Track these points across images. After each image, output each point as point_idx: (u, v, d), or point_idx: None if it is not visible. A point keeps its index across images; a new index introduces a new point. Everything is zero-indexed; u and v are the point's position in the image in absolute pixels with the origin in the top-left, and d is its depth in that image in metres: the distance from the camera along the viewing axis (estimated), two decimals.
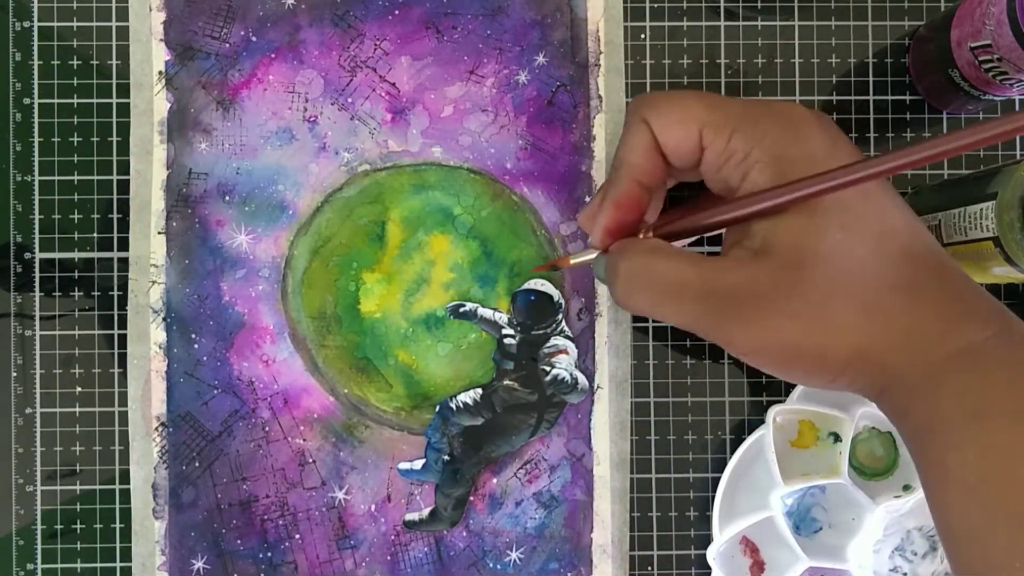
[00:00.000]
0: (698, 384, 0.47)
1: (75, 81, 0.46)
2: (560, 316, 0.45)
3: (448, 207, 0.45)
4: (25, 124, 0.46)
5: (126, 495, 0.45)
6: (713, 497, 0.45)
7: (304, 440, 0.45)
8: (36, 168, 0.46)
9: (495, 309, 0.45)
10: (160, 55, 0.45)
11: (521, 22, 0.45)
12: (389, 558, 0.45)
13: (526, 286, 0.45)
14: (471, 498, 0.45)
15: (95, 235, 0.46)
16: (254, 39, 0.45)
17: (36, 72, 0.46)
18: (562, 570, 0.45)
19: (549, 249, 0.46)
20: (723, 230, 0.36)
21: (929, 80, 0.46)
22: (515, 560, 0.45)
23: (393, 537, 0.45)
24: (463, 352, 0.45)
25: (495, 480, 0.45)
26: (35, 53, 0.46)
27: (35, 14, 0.46)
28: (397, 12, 0.45)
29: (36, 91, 0.46)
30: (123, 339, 0.45)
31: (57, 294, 0.46)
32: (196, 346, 0.45)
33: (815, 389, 0.45)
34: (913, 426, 0.32)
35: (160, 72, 0.45)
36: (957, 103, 0.45)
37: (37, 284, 0.46)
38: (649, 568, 0.46)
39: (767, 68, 0.47)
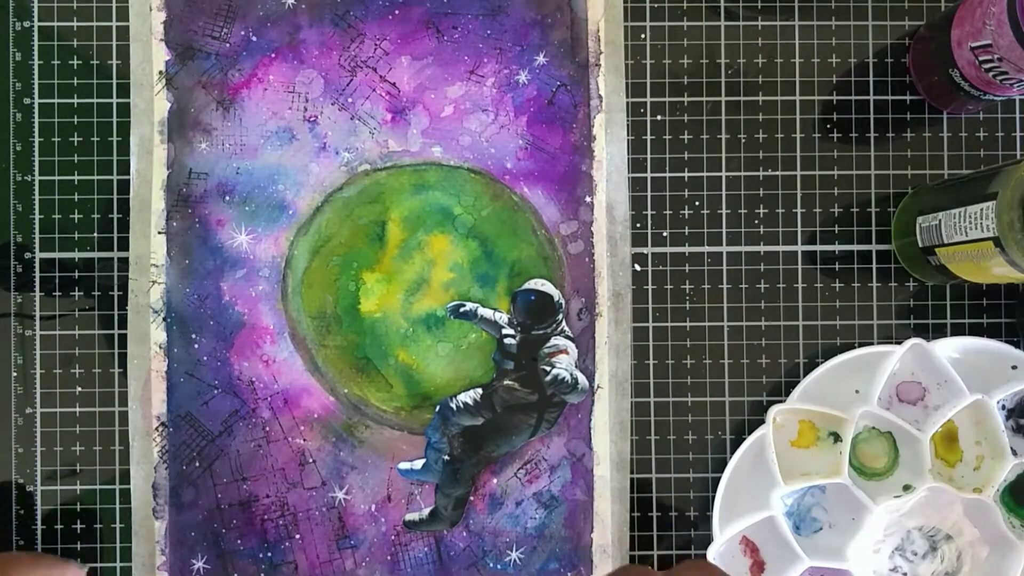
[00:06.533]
0: (698, 384, 0.47)
1: (75, 81, 0.46)
2: (560, 316, 0.45)
3: (448, 207, 0.45)
4: (25, 124, 0.46)
5: (126, 495, 0.45)
6: (713, 497, 0.45)
7: (304, 440, 0.45)
8: (36, 168, 0.46)
9: (495, 309, 0.45)
10: (160, 55, 0.45)
11: (521, 22, 0.45)
12: (389, 558, 0.45)
13: (526, 286, 0.45)
14: (471, 498, 0.45)
15: (95, 235, 0.46)
16: (254, 39, 0.45)
17: (36, 72, 0.46)
18: (562, 570, 0.45)
19: (549, 249, 0.45)
20: None
21: (929, 80, 0.46)
22: (515, 560, 0.45)
23: (393, 537, 0.45)
24: (463, 352, 0.45)
25: (495, 480, 0.45)
26: (35, 53, 0.46)
27: (35, 14, 0.46)
28: (397, 12, 0.45)
29: (36, 91, 0.46)
30: (123, 339, 0.45)
31: (57, 294, 0.46)
32: (196, 346, 0.45)
33: (815, 389, 0.45)
34: None
35: (160, 72, 0.45)
36: (957, 103, 0.45)
37: (37, 284, 0.46)
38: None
39: (767, 68, 0.47)
